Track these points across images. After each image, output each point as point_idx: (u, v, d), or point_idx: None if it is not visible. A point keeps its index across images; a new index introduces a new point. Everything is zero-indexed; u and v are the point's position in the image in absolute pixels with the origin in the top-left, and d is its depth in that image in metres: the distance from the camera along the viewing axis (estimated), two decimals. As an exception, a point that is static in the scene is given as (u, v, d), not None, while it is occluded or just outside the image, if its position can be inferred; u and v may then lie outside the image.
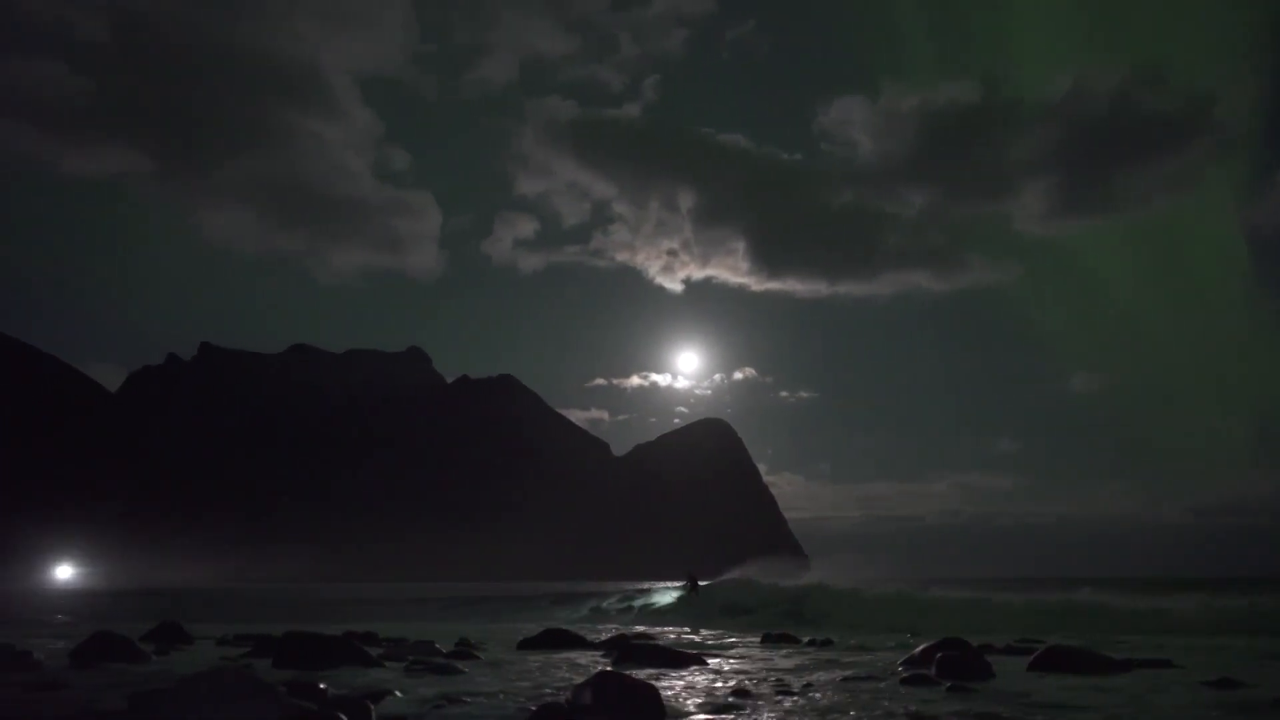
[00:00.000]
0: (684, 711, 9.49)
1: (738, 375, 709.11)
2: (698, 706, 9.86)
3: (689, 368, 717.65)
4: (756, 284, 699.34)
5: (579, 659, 16.22)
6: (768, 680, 12.41)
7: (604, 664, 14.73)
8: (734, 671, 13.84)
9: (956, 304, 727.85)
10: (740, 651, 18.82)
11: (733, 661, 15.87)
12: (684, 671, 13.49)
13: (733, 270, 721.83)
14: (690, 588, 41.49)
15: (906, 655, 15.04)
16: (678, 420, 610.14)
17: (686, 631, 28.30)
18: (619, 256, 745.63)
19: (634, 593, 48.92)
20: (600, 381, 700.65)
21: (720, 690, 11.25)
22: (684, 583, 42.25)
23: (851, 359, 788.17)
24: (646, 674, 12.48)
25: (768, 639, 22.27)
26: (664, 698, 9.85)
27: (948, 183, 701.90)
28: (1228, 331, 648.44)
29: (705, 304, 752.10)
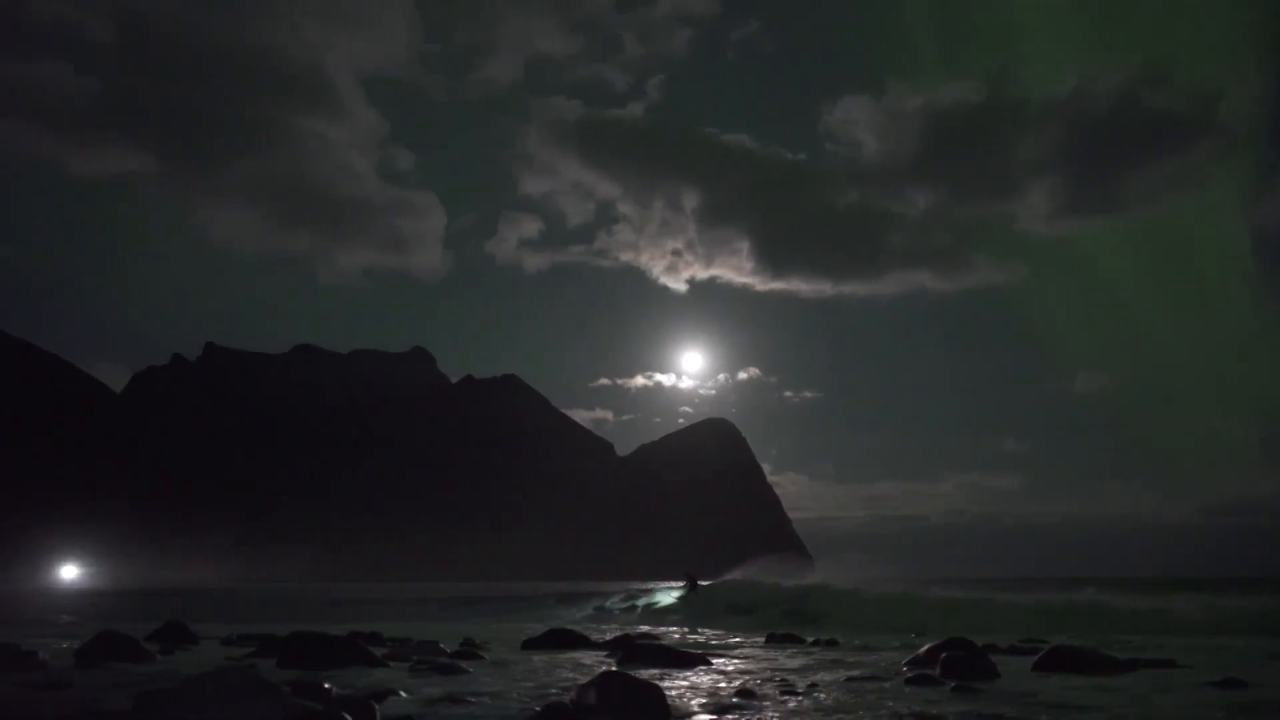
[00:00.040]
0: (689, 711, 9.49)
1: (742, 375, 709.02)
2: (702, 707, 9.85)
3: (693, 368, 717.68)
4: (761, 284, 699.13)
5: (583, 659, 16.22)
6: (772, 680, 12.40)
7: (608, 664, 14.72)
8: (738, 672, 13.83)
9: (961, 304, 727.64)
10: (745, 652, 18.81)
11: (737, 662, 15.85)
12: (688, 672, 13.48)
13: (737, 270, 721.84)
14: (689, 588, 41.54)
15: (911, 655, 15.03)
16: (682, 420, 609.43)
17: (691, 631, 28.30)
18: (623, 256, 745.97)
19: (637, 592, 48.89)
20: (604, 381, 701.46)
21: (725, 690, 11.24)
22: (683, 583, 42.29)
23: (856, 359, 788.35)
24: (651, 674, 12.48)
25: (772, 639, 22.25)
26: (669, 698, 9.84)
27: (952, 182, 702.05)
28: (1232, 331, 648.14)
29: (710, 304, 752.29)
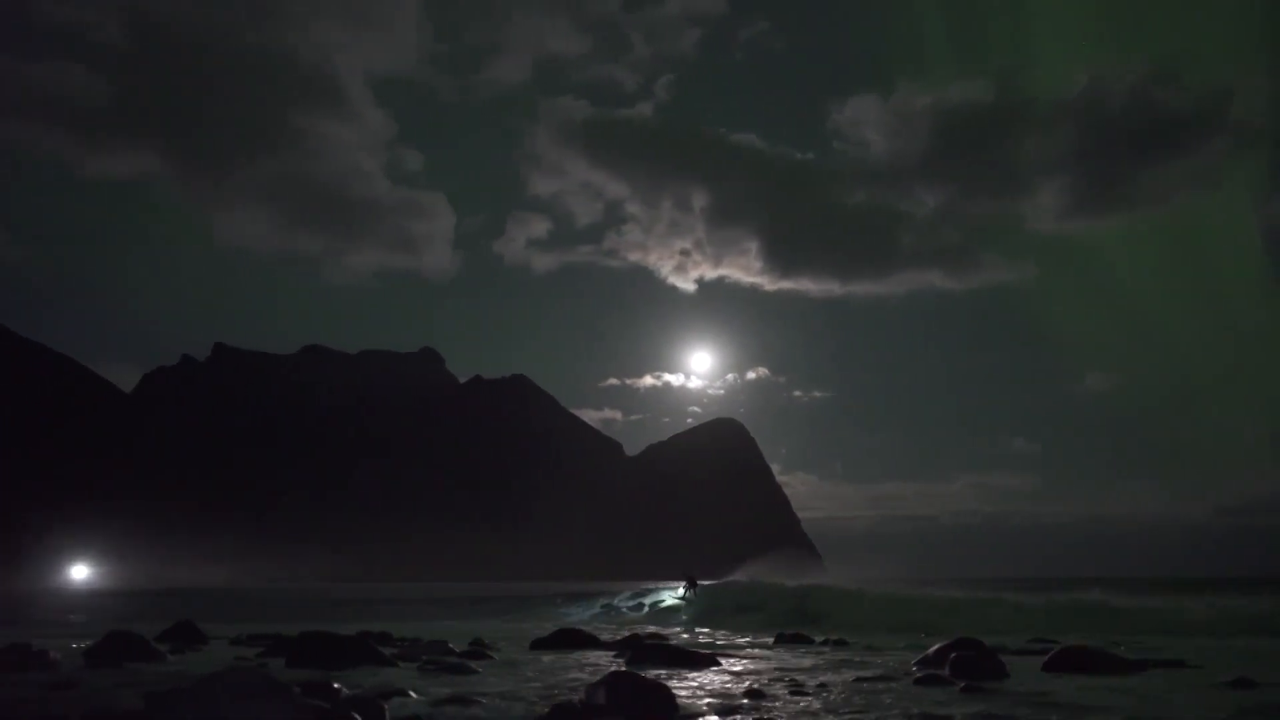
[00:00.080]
0: (698, 712, 9.47)
1: (751, 375, 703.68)
2: (711, 707, 9.84)
3: (702, 367, 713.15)
4: (769, 283, 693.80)
5: (592, 659, 16.22)
6: (781, 680, 12.39)
7: (617, 664, 14.72)
8: (747, 672, 13.81)
9: (971, 303, 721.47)
10: (754, 652, 18.80)
11: (746, 662, 15.84)
12: (698, 672, 13.48)
13: (746, 270, 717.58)
14: (689, 588, 41.68)
15: (920, 655, 15.00)
16: (690, 420, 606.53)
17: (699, 632, 28.29)
18: (632, 256, 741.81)
19: (645, 592, 48.95)
20: (613, 381, 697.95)
21: (734, 690, 11.23)
22: (683, 583, 42.38)
23: (865, 358, 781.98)
24: (660, 674, 12.48)
25: (781, 639, 22.23)
26: (678, 698, 9.85)
27: (962, 182, 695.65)
28: (1244, 330, 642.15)
29: (718, 304, 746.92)
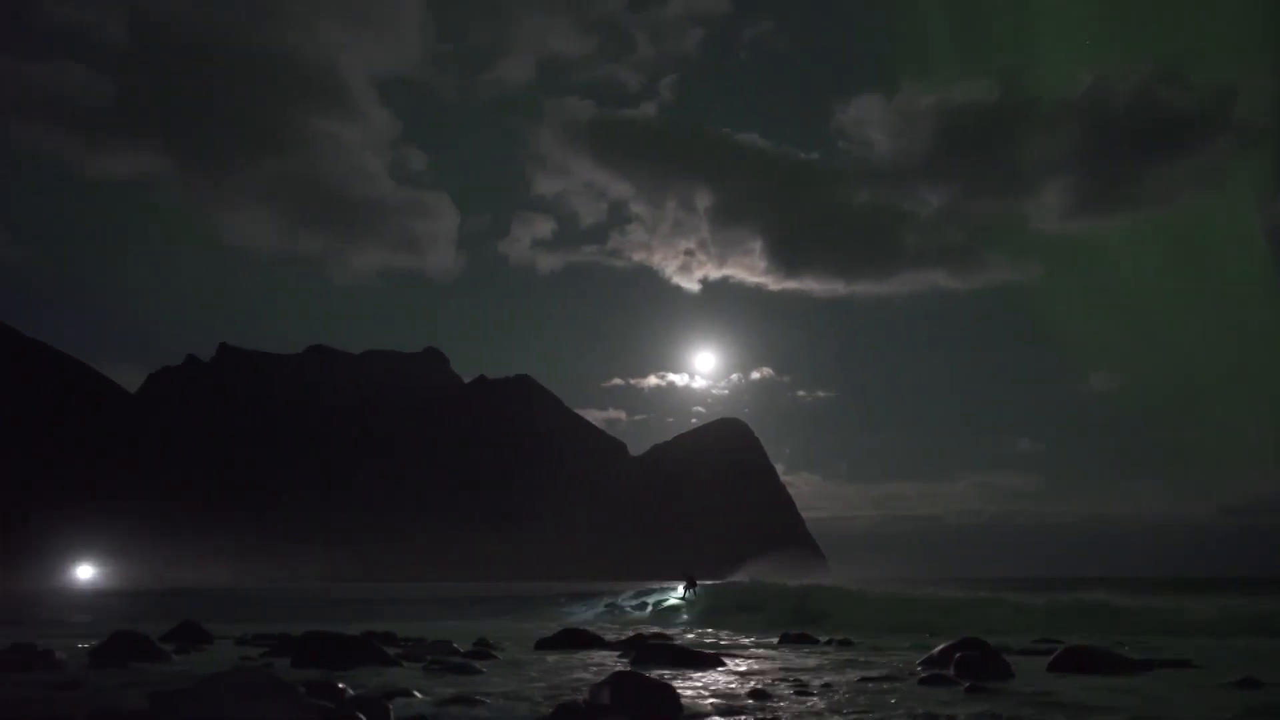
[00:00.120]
0: (702, 712, 9.47)
1: (755, 375, 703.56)
2: (716, 707, 9.83)
3: (706, 367, 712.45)
4: (774, 283, 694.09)
5: (597, 659, 16.22)
6: (786, 680, 12.38)
7: (622, 664, 14.72)
8: (752, 672, 13.81)
9: (975, 303, 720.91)
10: (758, 652, 18.79)
11: (751, 662, 15.83)
12: (702, 672, 13.47)
13: (750, 270, 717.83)
14: (689, 587, 41.77)
15: (925, 655, 14.98)
16: (695, 420, 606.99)
17: (704, 632, 28.27)
18: (636, 256, 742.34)
19: (648, 592, 49.01)
20: (617, 381, 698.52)
21: (739, 691, 11.22)
22: (683, 583, 42.46)
23: (869, 358, 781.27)
24: (664, 674, 12.47)
25: (786, 639, 22.21)
26: (682, 698, 9.84)
27: (966, 181, 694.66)
28: (1249, 329, 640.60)
29: (722, 303, 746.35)
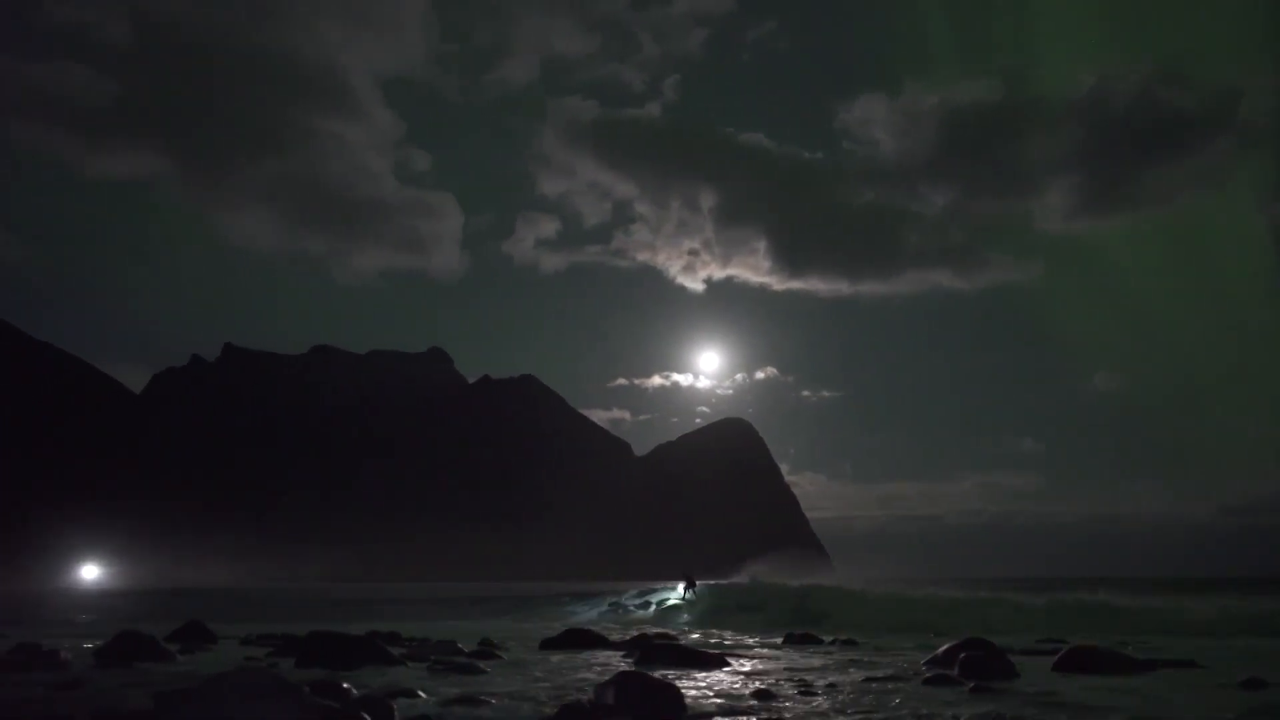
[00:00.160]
0: (706, 712, 9.46)
1: (759, 375, 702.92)
2: (720, 707, 9.83)
3: (710, 367, 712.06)
4: (778, 283, 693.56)
5: (601, 659, 16.22)
6: (790, 681, 12.37)
7: (626, 664, 14.72)
8: (756, 672, 13.80)
9: (978, 303, 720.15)
10: (762, 652, 18.78)
11: (755, 662, 15.83)
12: (707, 672, 13.47)
13: (754, 269, 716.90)
14: (689, 588, 41.81)
15: (929, 655, 14.96)
16: (699, 420, 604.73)
17: (708, 632, 28.26)
18: (640, 256, 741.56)
19: (651, 591, 49.06)
20: (622, 381, 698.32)
21: (743, 691, 11.22)
22: (683, 583, 42.49)
23: (873, 358, 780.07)
24: (669, 674, 12.46)
25: (790, 639, 22.19)
26: (687, 698, 9.84)
27: (969, 181, 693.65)
28: (1252, 329, 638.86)
29: (726, 303, 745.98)
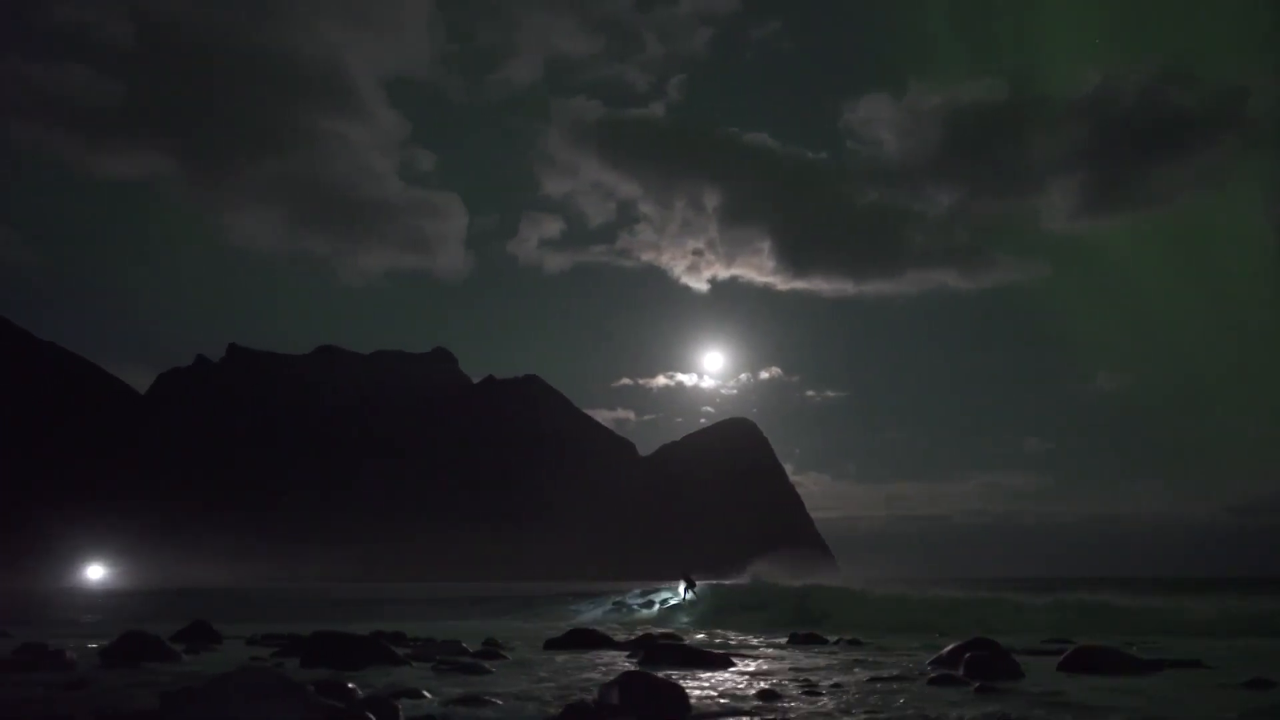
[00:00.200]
0: (711, 712, 9.46)
1: (764, 375, 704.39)
2: (725, 707, 9.83)
3: (715, 367, 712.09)
4: (782, 283, 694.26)
5: (605, 659, 16.22)
6: (795, 681, 12.37)
7: (631, 664, 14.72)
8: (761, 672, 13.80)
9: (983, 302, 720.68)
10: (767, 652, 18.77)
11: (760, 662, 15.82)
12: (711, 672, 13.47)
13: (758, 269, 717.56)
14: (689, 588, 41.84)
15: (934, 655, 14.94)
16: (703, 420, 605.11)
17: (712, 632, 28.26)
18: (644, 256, 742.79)
19: (655, 591, 49.08)
20: (626, 381, 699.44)
21: (748, 691, 11.21)
22: (682, 583, 42.52)
23: (878, 358, 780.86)
24: (673, 674, 12.47)
25: (794, 639, 22.19)
26: (691, 698, 9.84)
27: (974, 181, 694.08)
28: (1256, 329, 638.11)
29: (731, 303, 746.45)
